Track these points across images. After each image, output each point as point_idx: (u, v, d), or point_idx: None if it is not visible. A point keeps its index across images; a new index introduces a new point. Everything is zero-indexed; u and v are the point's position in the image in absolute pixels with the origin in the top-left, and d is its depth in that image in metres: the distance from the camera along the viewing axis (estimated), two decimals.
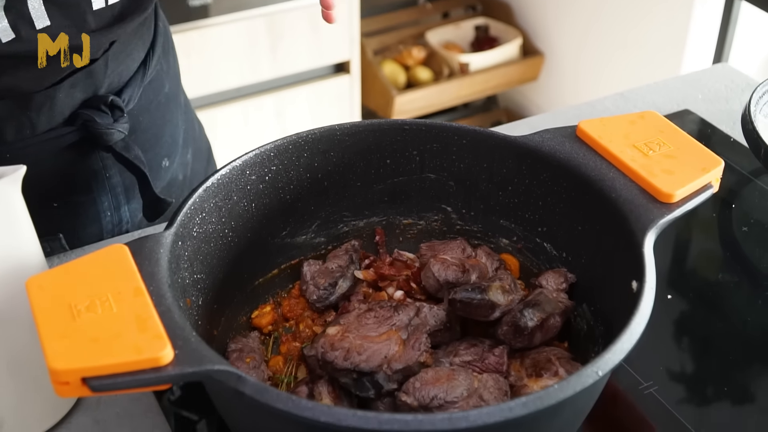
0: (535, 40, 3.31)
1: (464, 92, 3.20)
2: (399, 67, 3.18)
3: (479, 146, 0.93)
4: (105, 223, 1.11)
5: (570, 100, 3.22)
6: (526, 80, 3.32)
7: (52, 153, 1.01)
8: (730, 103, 1.39)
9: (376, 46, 3.24)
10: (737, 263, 1.10)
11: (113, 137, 1.02)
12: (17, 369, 0.79)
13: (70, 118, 1.01)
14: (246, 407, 0.68)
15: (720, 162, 0.86)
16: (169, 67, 1.17)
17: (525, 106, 3.49)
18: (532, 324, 0.83)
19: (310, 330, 0.91)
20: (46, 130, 1.00)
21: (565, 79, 3.26)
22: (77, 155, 1.05)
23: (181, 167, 1.22)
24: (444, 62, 3.20)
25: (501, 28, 3.33)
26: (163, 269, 0.72)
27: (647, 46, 2.81)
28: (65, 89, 0.98)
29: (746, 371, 0.93)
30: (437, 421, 0.61)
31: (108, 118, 1.02)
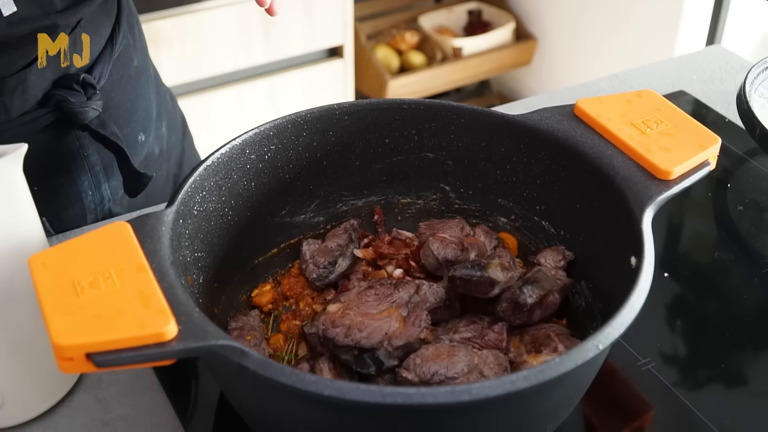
0: (528, 25, 3.31)
1: (457, 76, 3.20)
2: (392, 52, 3.17)
3: (477, 125, 0.93)
4: (87, 203, 1.11)
5: (563, 85, 3.23)
6: (519, 64, 3.32)
7: (28, 136, 1.00)
8: (724, 84, 1.39)
9: (370, 31, 3.24)
10: (733, 242, 1.10)
11: (88, 115, 1.02)
12: (18, 348, 0.80)
13: (43, 99, 1.01)
14: (249, 382, 0.68)
15: (717, 139, 0.86)
16: (135, 41, 1.16)
17: (518, 91, 3.49)
18: (531, 301, 0.83)
19: (309, 308, 0.91)
20: (20, 114, 0.99)
21: (557, 64, 3.26)
22: (53, 137, 1.04)
23: (157, 141, 1.22)
24: (437, 47, 3.20)
25: (494, 12, 3.33)
26: (164, 247, 0.72)
27: (640, 30, 2.81)
28: (35, 71, 0.98)
29: (742, 348, 0.94)
30: (440, 394, 0.62)
31: (81, 97, 1.01)
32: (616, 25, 2.91)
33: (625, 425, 0.87)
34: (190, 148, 1.36)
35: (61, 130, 1.04)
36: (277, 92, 2.75)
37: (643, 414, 0.88)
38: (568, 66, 3.21)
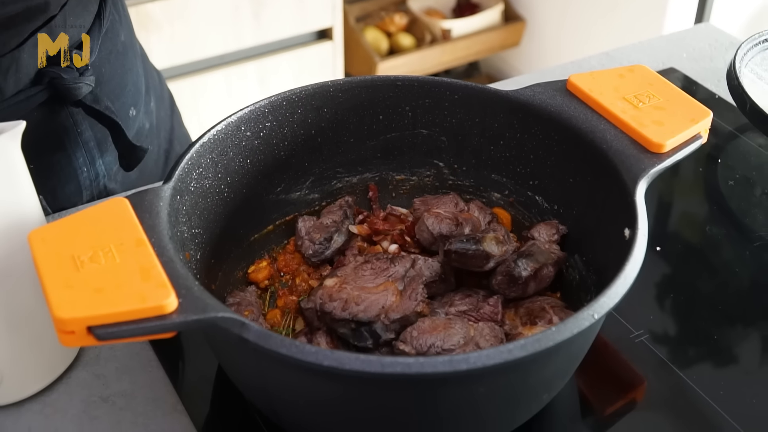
0: (517, 6, 3.32)
1: (446, 58, 3.21)
2: (381, 34, 3.17)
3: (471, 101, 0.94)
4: (82, 180, 1.11)
5: (551, 66, 3.23)
6: (507, 46, 3.33)
7: (23, 115, 1.00)
8: (714, 62, 1.40)
9: (358, 13, 3.23)
10: (724, 217, 1.11)
11: (81, 91, 1.02)
12: (16, 325, 0.80)
13: (36, 77, 1.01)
14: (249, 354, 0.69)
15: (708, 113, 0.87)
16: (120, 17, 1.16)
17: (507, 72, 3.50)
18: (526, 274, 0.84)
19: (306, 284, 0.92)
20: (14, 93, 0.99)
21: (546, 45, 3.26)
22: (47, 114, 1.04)
23: (147, 116, 1.23)
24: (426, 28, 3.20)
25: None
26: (163, 222, 0.73)
27: (628, 10, 2.82)
28: (28, 49, 0.98)
29: (734, 321, 0.95)
30: (438, 363, 0.63)
31: (74, 73, 1.02)
32: (604, 6, 2.92)
33: (619, 398, 0.88)
34: (179, 124, 1.37)
35: (54, 108, 1.04)
36: (267, 75, 2.75)
37: (636, 386, 0.89)
38: (556, 47, 3.22)
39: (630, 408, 0.87)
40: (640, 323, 0.93)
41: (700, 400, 0.85)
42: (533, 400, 0.75)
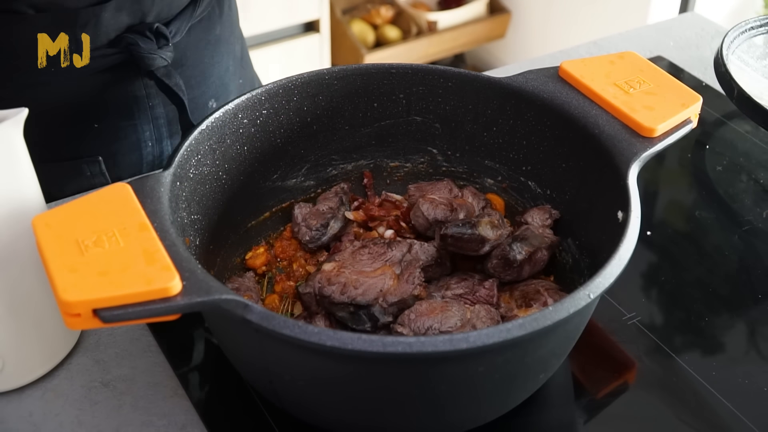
0: None
1: (432, 50, 3.22)
2: (368, 26, 3.18)
3: (464, 88, 0.95)
4: (145, 154, 1.14)
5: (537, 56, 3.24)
6: (493, 38, 3.34)
7: (97, 71, 1.04)
8: (700, 50, 1.42)
9: (345, 5, 3.24)
10: (713, 202, 1.13)
11: (155, 62, 1.06)
12: (19, 311, 0.81)
13: (115, 40, 1.05)
14: (252, 336, 0.70)
15: (698, 98, 0.88)
16: (221, 13, 1.21)
17: (492, 64, 3.51)
18: (521, 257, 0.85)
19: (303, 269, 0.93)
20: (91, 48, 1.02)
21: (531, 36, 3.28)
22: (120, 78, 1.09)
23: None
24: (412, 20, 3.21)
25: None
26: (164, 207, 0.74)
27: (613, 1, 2.84)
28: (110, 11, 1.02)
29: (725, 301, 0.97)
30: (439, 342, 0.64)
31: (152, 45, 1.06)
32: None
33: (611, 380, 0.89)
34: None
35: (129, 75, 1.09)
36: (255, 67, 2.75)
37: (628, 369, 0.90)
38: (541, 38, 3.23)
39: (623, 389, 0.88)
40: (632, 306, 0.94)
41: (693, 381, 0.87)
42: (530, 380, 0.77)
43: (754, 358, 0.91)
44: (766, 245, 1.06)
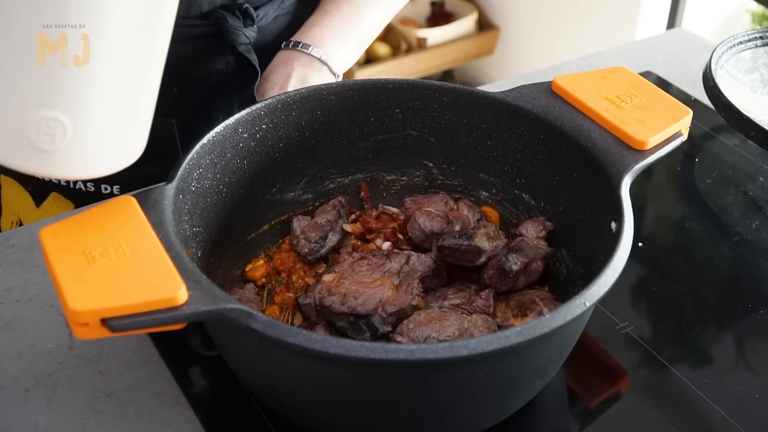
0: (491, 15, 3.36)
1: (422, 66, 3.24)
2: None
3: (459, 103, 0.97)
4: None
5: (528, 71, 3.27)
6: (482, 54, 3.37)
7: (183, 38, 1.05)
8: (689, 65, 1.44)
9: None
10: (702, 213, 1.15)
11: (239, 38, 1.11)
12: (124, 76, 0.73)
13: (207, 13, 1.11)
14: (256, 344, 0.71)
15: (689, 111, 0.91)
16: (303, 11, 1.24)
17: (481, 80, 3.54)
18: (517, 267, 0.87)
19: (302, 281, 0.95)
20: (182, 17, 1.04)
21: (520, 53, 3.31)
22: (205, 49, 1.14)
23: None
24: (402, 37, 3.23)
25: (456, 3, 3.38)
26: (168, 219, 0.75)
27: (601, 16, 2.87)
28: None
29: (715, 311, 0.99)
30: (440, 349, 0.66)
31: (239, 22, 1.12)
32: (576, 13, 2.96)
33: (605, 388, 0.91)
34: None
35: (213, 48, 1.14)
36: None
37: (620, 378, 0.92)
38: (529, 55, 3.26)
39: (616, 397, 0.90)
40: (625, 315, 0.96)
41: (685, 388, 0.89)
42: (527, 386, 0.78)
43: (745, 365, 0.93)
44: (755, 256, 1.08)
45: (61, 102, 0.70)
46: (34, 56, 0.70)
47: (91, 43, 0.70)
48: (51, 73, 0.70)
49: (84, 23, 0.70)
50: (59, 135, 0.70)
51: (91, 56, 0.71)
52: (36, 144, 0.70)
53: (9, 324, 0.92)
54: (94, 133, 0.72)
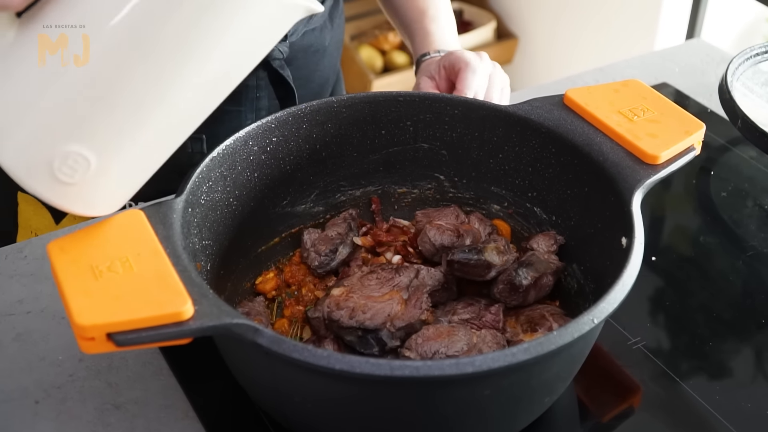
0: (509, 23, 3.35)
1: None
2: (376, 52, 3.21)
3: (470, 116, 0.97)
4: None
5: (544, 82, 3.26)
6: (500, 63, 3.34)
7: None
8: (705, 76, 1.43)
9: (353, 31, 3.27)
10: (717, 227, 1.14)
11: (273, 53, 1.11)
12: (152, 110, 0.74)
13: None
14: (262, 359, 0.71)
15: (701, 125, 0.90)
16: (332, 27, 1.27)
17: None
18: (527, 282, 0.87)
19: (311, 294, 0.94)
20: None
21: (539, 61, 3.30)
22: None
23: None
24: None
25: (475, 12, 3.37)
26: (176, 233, 0.75)
27: (620, 26, 2.86)
28: None
29: (729, 326, 0.98)
30: (445, 366, 0.65)
31: None
32: (596, 22, 2.95)
33: (616, 404, 0.90)
34: None
35: None
36: None
37: (633, 393, 0.91)
38: (548, 64, 3.25)
39: (628, 413, 0.89)
40: (637, 331, 0.96)
41: (697, 405, 0.88)
42: (536, 403, 0.78)
43: (758, 382, 0.92)
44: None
45: (95, 142, 0.73)
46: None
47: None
48: (91, 112, 0.72)
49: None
50: (81, 171, 0.73)
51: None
52: (56, 173, 0.72)
53: (20, 335, 0.93)
54: (112, 176, 0.75)
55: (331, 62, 1.32)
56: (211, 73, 0.76)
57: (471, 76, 1.07)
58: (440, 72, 1.12)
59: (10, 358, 0.90)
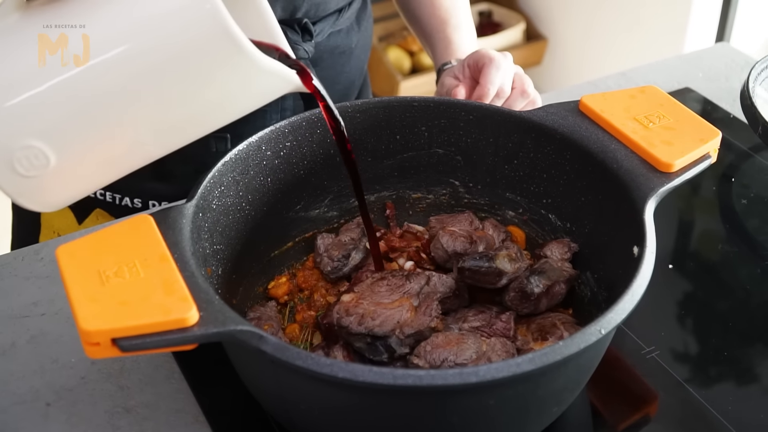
0: (538, 25, 3.34)
1: None
2: (404, 53, 3.20)
3: (485, 121, 0.96)
4: None
5: (564, 87, 3.25)
6: (529, 65, 3.34)
7: None
8: (729, 81, 1.42)
9: (381, 32, 3.27)
10: (737, 235, 1.13)
11: (298, 53, 1.12)
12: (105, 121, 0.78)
13: None
14: (267, 366, 0.71)
15: (717, 133, 0.89)
16: (359, 29, 1.27)
17: None
18: (539, 290, 0.86)
19: (323, 299, 0.94)
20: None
21: (568, 63, 3.28)
22: None
23: None
24: None
25: (504, 13, 3.36)
26: (185, 238, 0.76)
27: (650, 29, 2.84)
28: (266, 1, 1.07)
29: (745, 337, 0.97)
30: (449, 375, 0.65)
31: (297, 37, 1.12)
32: (626, 25, 2.93)
33: (631, 413, 0.89)
34: None
35: None
36: None
37: (649, 402, 0.90)
38: (578, 66, 3.23)
39: (642, 423, 0.88)
40: (652, 340, 0.95)
41: (710, 416, 0.87)
42: (543, 413, 0.77)
43: None
44: None
45: (59, 145, 0.77)
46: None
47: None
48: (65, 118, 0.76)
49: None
50: (38, 166, 0.77)
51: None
52: (14, 163, 0.76)
53: (34, 338, 0.93)
54: (64, 178, 0.79)
55: (358, 64, 1.32)
56: (185, 117, 0.80)
57: (494, 72, 1.07)
58: (464, 71, 1.12)
59: (23, 360, 0.91)
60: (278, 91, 0.84)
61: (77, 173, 0.80)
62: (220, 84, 0.78)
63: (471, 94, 1.09)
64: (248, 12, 0.86)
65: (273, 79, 0.81)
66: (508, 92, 1.09)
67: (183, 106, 0.79)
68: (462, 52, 1.21)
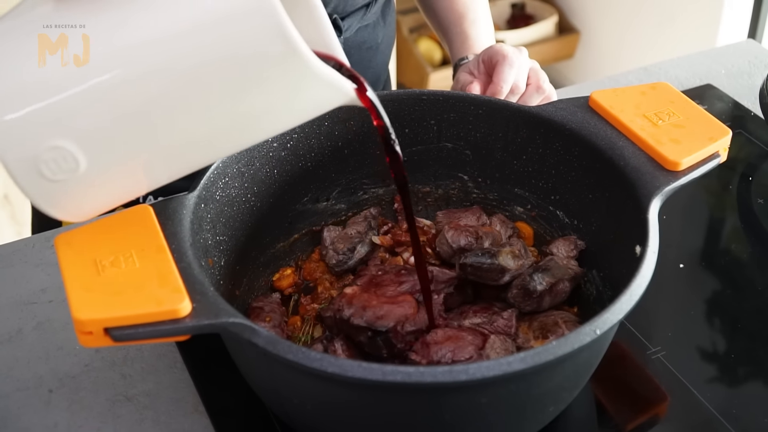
0: (571, 18, 3.31)
1: None
2: (434, 45, 3.19)
3: (495, 116, 0.96)
4: None
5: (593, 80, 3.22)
6: (561, 58, 3.32)
7: None
8: (752, 79, 1.40)
9: (412, 24, 3.25)
10: (752, 234, 1.11)
11: None
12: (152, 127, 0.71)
13: None
14: (260, 359, 0.71)
15: (728, 132, 0.87)
16: (384, 24, 1.28)
17: (560, 84, 3.49)
18: (541, 288, 0.85)
19: (327, 293, 0.94)
20: None
21: (601, 56, 3.25)
22: None
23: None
24: None
25: (537, 5, 3.33)
26: (185, 229, 0.76)
27: (682, 24, 2.80)
28: None
29: (755, 338, 0.95)
30: (438, 373, 0.64)
31: None
32: (659, 19, 2.90)
33: (640, 412, 0.88)
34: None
35: None
36: None
37: (658, 403, 0.89)
38: (611, 59, 3.21)
39: (649, 424, 0.87)
40: (658, 340, 0.94)
41: (713, 419, 0.86)
42: (539, 412, 0.77)
43: None
44: None
45: (92, 147, 0.69)
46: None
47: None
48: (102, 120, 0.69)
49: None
50: (67, 170, 0.69)
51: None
52: (40, 165, 0.68)
53: (40, 324, 0.94)
54: (93, 186, 0.71)
55: (383, 60, 1.31)
56: (227, 126, 0.73)
57: (508, 69, 1.06)
58: (479, 66, 1.12)
59: (28, 346, 0.92)
60: (330, 102, 0.77)
61: (108, 182, 0.72)
62: (271, 91, 0.71)
63: (485, 90, 1.09)
64: (301, 17, 0.79)
65: (326, 88, 0.73)
66: (522, 88, 1.08)
67: (227, 115, 0.71)
68: (479, 47, 1.21)
